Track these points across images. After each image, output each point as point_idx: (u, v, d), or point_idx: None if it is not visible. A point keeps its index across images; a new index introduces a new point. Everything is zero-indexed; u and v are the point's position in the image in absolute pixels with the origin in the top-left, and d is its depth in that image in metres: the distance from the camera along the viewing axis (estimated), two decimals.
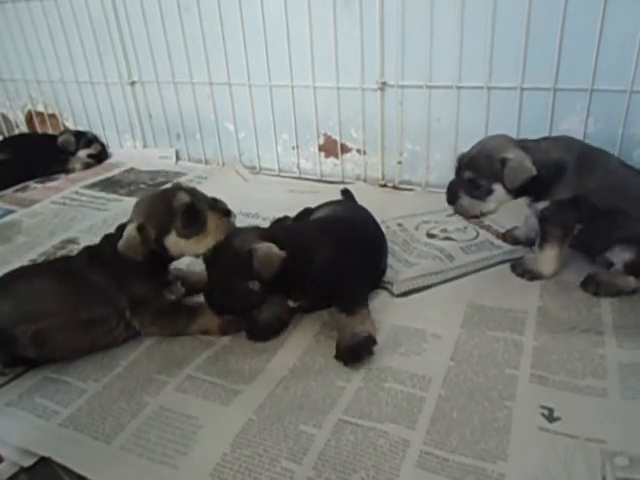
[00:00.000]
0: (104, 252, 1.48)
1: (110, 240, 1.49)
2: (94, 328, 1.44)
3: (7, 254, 2.05)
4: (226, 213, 1.47)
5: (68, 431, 1.22)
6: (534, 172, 1.52)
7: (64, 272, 1.48)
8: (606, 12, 1.82)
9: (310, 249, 1.45)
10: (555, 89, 2.00)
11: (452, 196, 1.64)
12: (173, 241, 1.44)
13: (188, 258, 1.60)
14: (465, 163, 1.61)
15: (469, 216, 1.69)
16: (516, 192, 1.58)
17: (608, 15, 1.82)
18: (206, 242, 1.43)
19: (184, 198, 1.43)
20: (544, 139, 1.65)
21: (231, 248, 1.38)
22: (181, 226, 1.42)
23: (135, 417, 1.24)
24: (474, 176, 1.58)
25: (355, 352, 1.36)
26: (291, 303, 1.52)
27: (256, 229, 1.46)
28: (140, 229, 1.41)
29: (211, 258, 1.40)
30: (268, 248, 1.35)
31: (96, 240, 1.56)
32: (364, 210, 1.83)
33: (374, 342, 1.39)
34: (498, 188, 1.57)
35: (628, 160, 1.72)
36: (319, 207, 1.82)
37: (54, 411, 1.28)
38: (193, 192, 1.48)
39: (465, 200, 1.61)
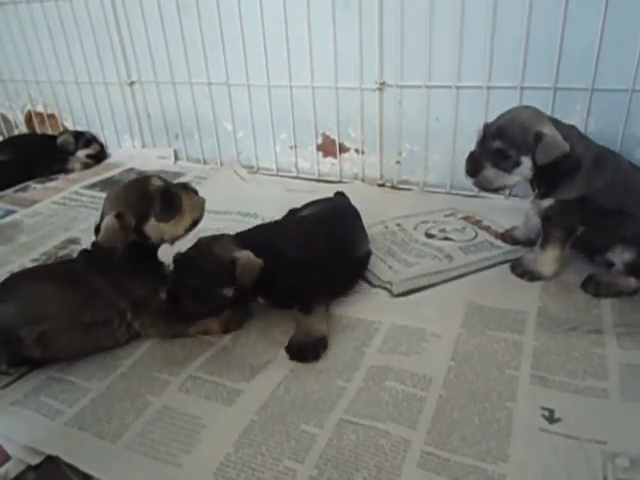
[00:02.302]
0: (98, 257, 1.48)
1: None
2: (96, 330, 1.45)
3: (9, 254, 2.06)
4: (196, 192, 1.53)
5: (73, 430, 1.23)
6: (567, 148, 1.49)
7: (66, 276, 1.48)
8: (607, 11, 1.82)
9: (276, 251, 1.48)
10: (555, 88, 2.00)
11: (475, 167, 1.59)
12: (153, 226, 1.44)
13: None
14: (494, 132, 1.55)
15: (491, 189, 1.65)
16: (538, 170, 1.54)
17: (609, 14, 1.82)
18: (184, 223, 1.48)
19: (158, 182, 1.46)
20: (573, 127, 1.61)
21: (212, 256, 1.40)
22: (159, 210, 1.43)
23: (139, 417, 1.25)
24: (504, 146, 1.53)
25: (303, 351, 1.41)
26: (260, 300, 1.56)
27: (229, 236, 1.49)
28: (119, 217, 1.41)
29: (187, 264, 1.42)
30: (248, 256, 1.39)
31: None
32: (339, 202, 1.87)
33: (325, 345, 1.44)
34: (526, 161, 1.53)
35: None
36: (303, 207, 1.85)
37: (59, 410, 1.29)
38: (164, 179, 1.51)
39: (490, 171, 1.57)
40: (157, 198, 1.43)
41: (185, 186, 1.53)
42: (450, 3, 2.05)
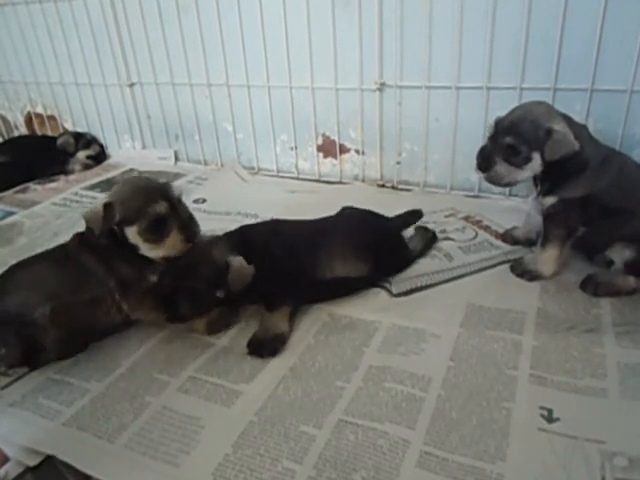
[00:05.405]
0: (90, 239, 1.49)
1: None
2: (94, 308, 1.47)
3: (9, 255, 2.03)
4: (190, 238, 1.47)
5: (72, 430, 1.23)
6: (577, 147, 1.49)
7: (62, 258, 1.51)
8: (606, 11, 1.82)
9: (256, 252, 1.52)
10: (555, 89, 2.00)
11: (486, 162, 1.59)
12: (132, 234, 1.44)
13: None
14: (505, 128, 1.55)
15: (502, 184, 1.65)
16: (545, 166, 1.54)
17: (608, 14, 1.82)
18: (158, 252, 1.46)
19: (161, 209, 1.43)
20: (584, 127, 1.61)
21: (208, 258, 1.44)
22: (143, 229, 1.43)
23: (138, 417, 1.26)
24: (516, 142, 1.52)
25: (260, 347, 1.44)
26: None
27: (224, 240, 1.54)
28: (106, 207, 1.42)
29: (183, 267, 1.44)
30: (241, 263, 1.43)
31: None
32: (366, 219, 1.86)
33: (283, 341, 1.46)
34: (536, 157, 1.53)
35: None
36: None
37: (58, 411, 1.29)
38: (176, 202, 1.48)
39: (502, 167, 1.56)
40: (149, 219, 1.42)
41: (186, 225, 1.47)
42: (450, 3, 2.05)
